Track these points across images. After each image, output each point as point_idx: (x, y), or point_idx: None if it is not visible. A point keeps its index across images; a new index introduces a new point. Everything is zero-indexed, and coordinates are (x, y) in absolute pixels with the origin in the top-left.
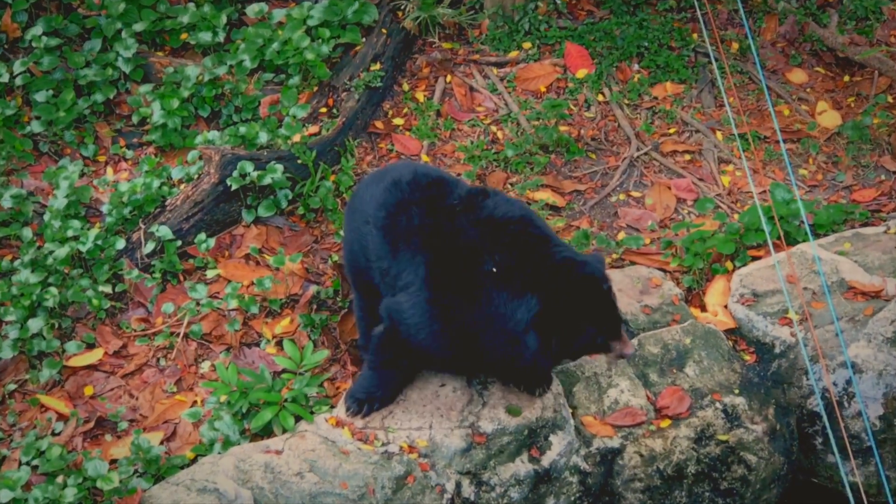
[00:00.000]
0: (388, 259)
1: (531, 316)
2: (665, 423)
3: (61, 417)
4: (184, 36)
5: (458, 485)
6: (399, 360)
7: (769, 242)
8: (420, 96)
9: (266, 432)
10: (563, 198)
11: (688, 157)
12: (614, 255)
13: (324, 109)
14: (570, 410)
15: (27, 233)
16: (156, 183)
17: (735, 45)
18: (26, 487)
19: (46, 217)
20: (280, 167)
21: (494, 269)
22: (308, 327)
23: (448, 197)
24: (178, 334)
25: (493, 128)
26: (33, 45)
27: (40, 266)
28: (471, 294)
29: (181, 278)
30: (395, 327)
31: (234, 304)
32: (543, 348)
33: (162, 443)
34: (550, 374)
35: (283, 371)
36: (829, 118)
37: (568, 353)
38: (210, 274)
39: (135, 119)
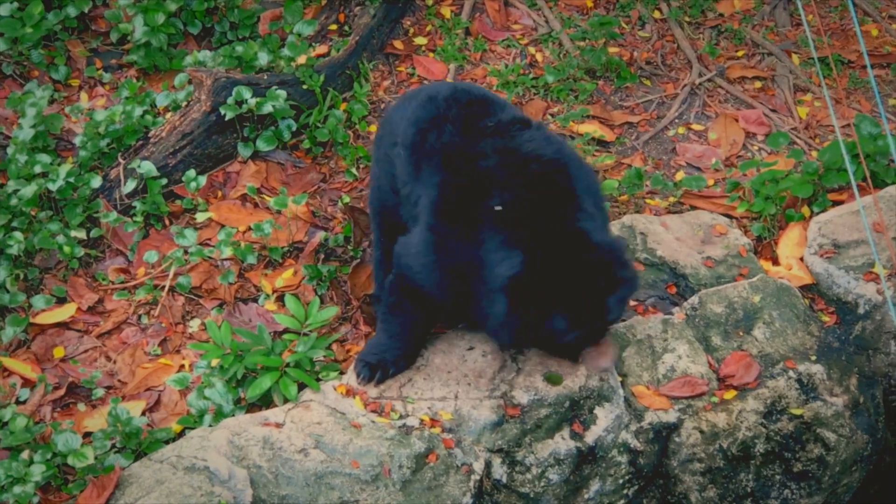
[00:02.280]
0: (412, 181)
1: (509, 275)
2: (729, 395)
3: (27, 383)
4: None
5: (488, 464)
6: (402, 303)
7: (853, 184)
8: (446, 11)
9: (265, 402)
10: (613, 131)
11: (758, 84)
12: (672, 199)
13: (334, 26)
14: (619, 379)
15: None
16: (137, 111)
17: None
18: None
19: (10, 150)
20: (282, 93)
21: (499, 208)
22: (314, 280)
23: (487, 118)
24: (162, 287)
25: (532, 49)
26: None
27: (3, 207)
28: (469, 228)
29: (167, 222)
30: (398, 262)
31: (227, 252)
32: (508, 318)
33: (144, 413)
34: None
35: (285, 331)
36: None
37: (530, 337)
38: (200, 217)
39: (113, 36)
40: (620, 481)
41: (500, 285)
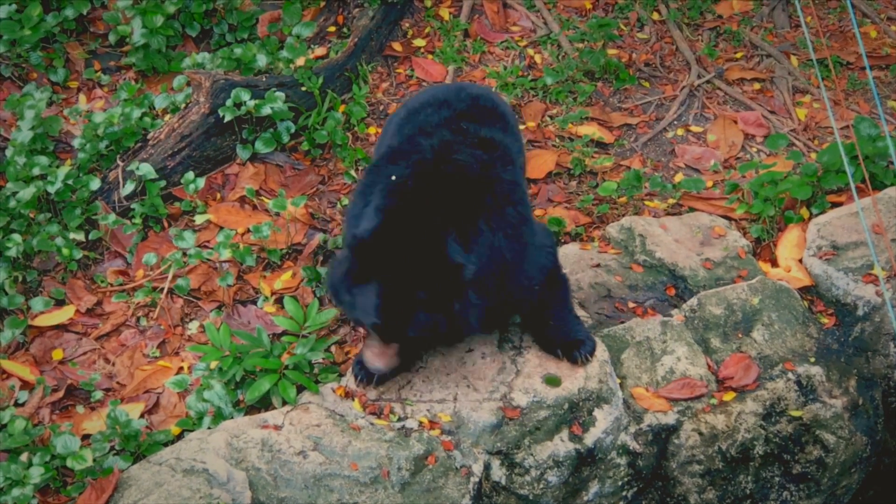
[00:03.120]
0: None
1: (356, 234)
2: (728, 397)
3: (26, 385)
4: None
5: (487, 466)
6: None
7: (852, 186)
8: (445, 13)
9: (263, 404)
10: (612, 133)
11: (757, 85)
12: (671, 200)
13: (332, 28)
14: (618, 381)
15: None
16: (136, 113)
17: None
18: None
19: (9, 152)
20: (281, 95)
21: (393, 178)
22: (313, 282)
23: (475, 123)
24: (161, 290)
25: (530, 51)
26: None
27: (1, 209)
28: (370, 185)
29: (165, 224)
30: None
31: (226, 254)
32: (345, 275)
33: (142, 416)
34: (589, 336)
35: (284, 333)
36: None
37: (345, 296)
38: (199, 219)
39: (112, 38)
40: (619, 483)
41: (347, 241)
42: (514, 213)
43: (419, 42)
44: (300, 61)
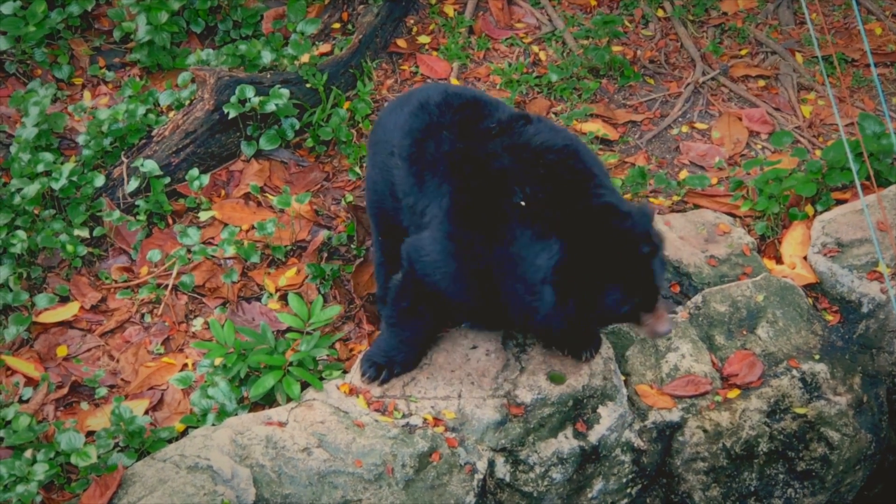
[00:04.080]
0: (415, 193)
1: (552, 264)
2: (733, 394)
3: (30, 382)
4: None
5: (491, 463)
6: (417, 308)
7: (857, 183)
8: (449, 10)
9: (268, 401)
10: (616, 130)
11: (762, 82)
12: (675, 197)
13: (337, 25)
14: (623, 378)
15: None
16: (141, 110)
17: None
18: None
19: (13, 149)
20: (286, 92)
21: (523, 203)
22: (317, 279)
23: (484, 120)
24: (165, 286)
25: (535, 47)
26: None
27: (6, 206)
28: (493, 229)
29: (170, 221)
30: (412, 268)
31: (231, 251)
32: (560, 306)
33: (147, 412)
34: (597, 334)
35: (288, 330)
36: None
37: (588, 317)
38: (203, 216)
39: (116, 35)
40: (624, 480)
41: (542, 276)
42: (593, 153)
43: (424, 39)
44: (305, 58)
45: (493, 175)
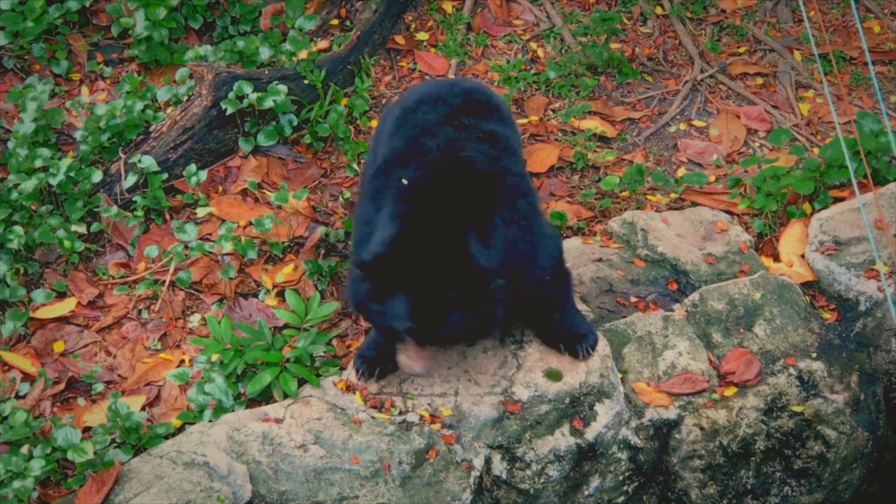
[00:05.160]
0: (386, 143)
1: (376, 252)
2: (730, 392)
3: (27, 377)
4: None
5: (488, 461)
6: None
7: (854, 181)
8: (448, 7)
9: (264, 397)
10: (614, 127)
11: (760, 80)
12: (673, 195)
13: (335, 21)
14: (620, 375)
15: None
16: (138, 105)
17: None
18: None
19: (11, 144)
20: (283, 88)
21: (404, 181)
22: (314, 275)
23: (473, 117)
24: (163, 282)
25: (533, 44)
26: None
27: (3, 201)
28: (382, 192)
29: (167, 217)
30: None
31: (228, 247)
32: (369, 289)
33: (143, 408)
34: (593, 330)
35: (285, 326)
36: None
37: (369, 307)
38: (201, 212)
39: (114, 31)
40: (620, 478)
41: (365, 256)
42: (524, 205)
43: (422, 35)
44: (303, 54)
45: (415, 144)
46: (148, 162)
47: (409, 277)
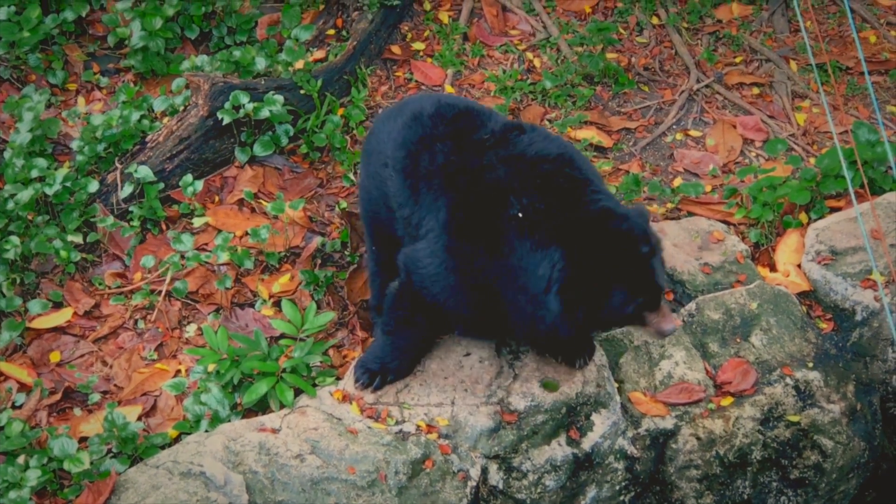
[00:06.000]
0: (411, 205)
1: (554, 273)
2: (726, 402)
3: (23, 388)
4: None
5: (485, 471)
6: (414, 318)
7: (850, 191)
8: (444, 17)
9: (261, 407)
10: (611, 137)
11: (756, 90)
12: (669, 205)
13: (331, 31)
14: (616, 385)
15: None
16: (135, 115)
17: None
18: None
19: (7, 154)
20: (280, 98)
21: (520, 214)
22: (311, 286)
23: (478, 131)
24: (159, 292)
25: (529, 54)
26: None
27: (0, 211)
28: (492, 242)
29: (163, 227)
30: (410, 279)
31: (224, 257)
32: (566, 314)
33: (140, 418)
34: (592, 341)
35: (282, 336)
36: None
37: (594, 322)
38: (197, 222)
39: (111, 41)
40: (617, 488)
41: (546, 286)
42: (591, 170)
43: (418, 45)
44: (299, 64)
45: (489, 187)
46: (144, 172)
47: (608, 270)
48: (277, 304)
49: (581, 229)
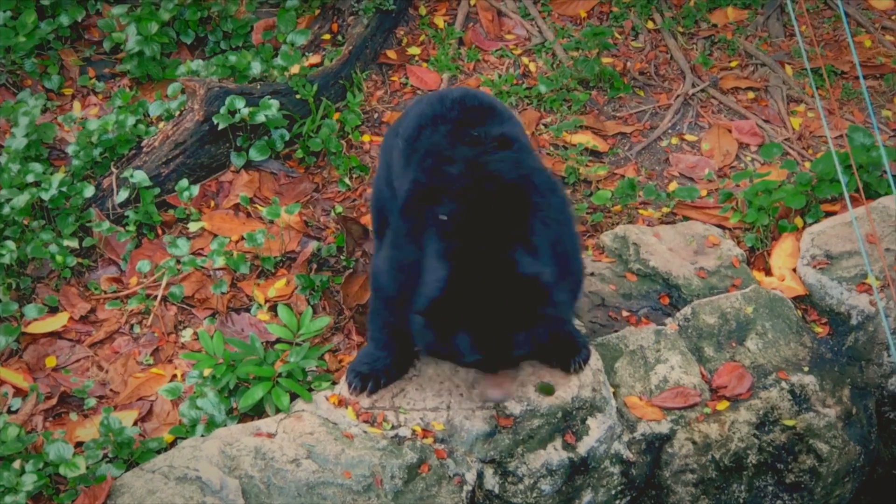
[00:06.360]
0: (402, 174)
1: (432, 288)
2: (722, 406)
3: (19, 392)
4: None
5: (480, 475)
6: (379, 308)
7: (846, 195)
8: (440, 21)
9: (257, 412)
10: (606, 141)
11: (752, 95)
12: (665, 209)
13: (327, 36)
14: (612, 390)
15: None
16: (130, 120)
17: None
18: None
19: (3, 159)
20: (275, 103)
21: (443, 217)
22: (307, 290)
23: (480, 127)
24: (155, 297)
25: (525, 59)
26: None
27: None
28: (418, 233)
29: (159, 232)
30: (371, 283)
31: (220, 262)
32: (418, 332)
33: (136, 423)
34: (586, 345)
35: (278, 341)
36: None
37: (439, 349)
38: (193, 227)
39: (106, 45)
40: (613, 492)
41: (421, 302)
42: (557, 200)
43: (414, 50)
44: (295, 69)
45: (440, 177)
46: (140, 177)
47: (467, 313)
48: (273, 309)
49: (474, 265)
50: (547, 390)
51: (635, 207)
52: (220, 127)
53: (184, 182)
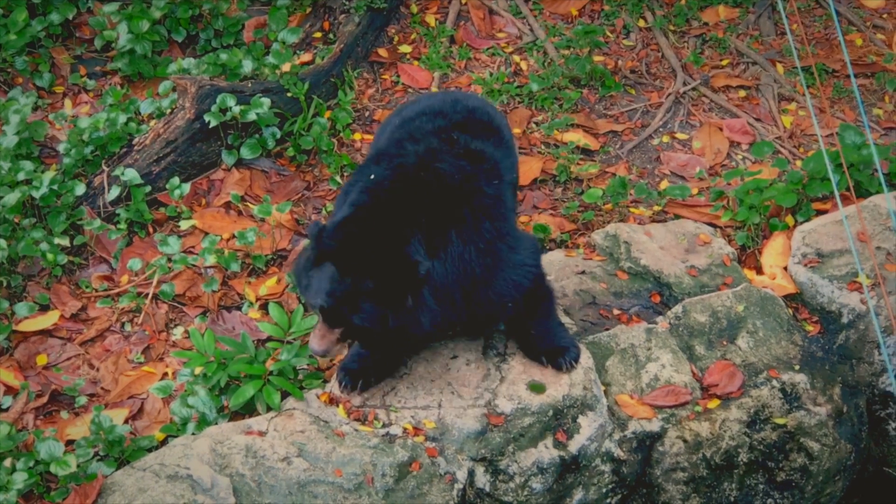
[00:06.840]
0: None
1: (332, 221)
2: (713, 404)
3: (10, 390)
4: None
5: (471, 473)
6: None
7: (836, 194)
8: (431, 20)
9: (248, 410)
10: (597, 139)
11: (743, 93)
12: (656, 207)
13: (318, 34)
14: (603, 388)
15: None
16: (122, 118)
17: None
18: None
19: None
20: (267, 101)
21: (372, 177)
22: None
23: (467, 135)
24: (146, 295)
25: (516, 57)
26: None
27: None
28: (353, 182)
29: (150, 230)
30: None
31: (211, 260)
32: (310, 258)
33: (126, 421)
34: (575, 343)
35: (269, 339)
36: None
37: (303, 277)
38: (184, 225)
39: (97, 43)
40: (604, 490)
41: (310, 228)
42: (490, 229)
43: (405, 48)
44: (286, 67)
45: (397, 148)
46: (131, 175)
47: (340, 257)
48: (264, 307)
49: (375, 223)
50: (538, 389)
51: (626, 206)
52: (212, 125)
53: (175, 180)
